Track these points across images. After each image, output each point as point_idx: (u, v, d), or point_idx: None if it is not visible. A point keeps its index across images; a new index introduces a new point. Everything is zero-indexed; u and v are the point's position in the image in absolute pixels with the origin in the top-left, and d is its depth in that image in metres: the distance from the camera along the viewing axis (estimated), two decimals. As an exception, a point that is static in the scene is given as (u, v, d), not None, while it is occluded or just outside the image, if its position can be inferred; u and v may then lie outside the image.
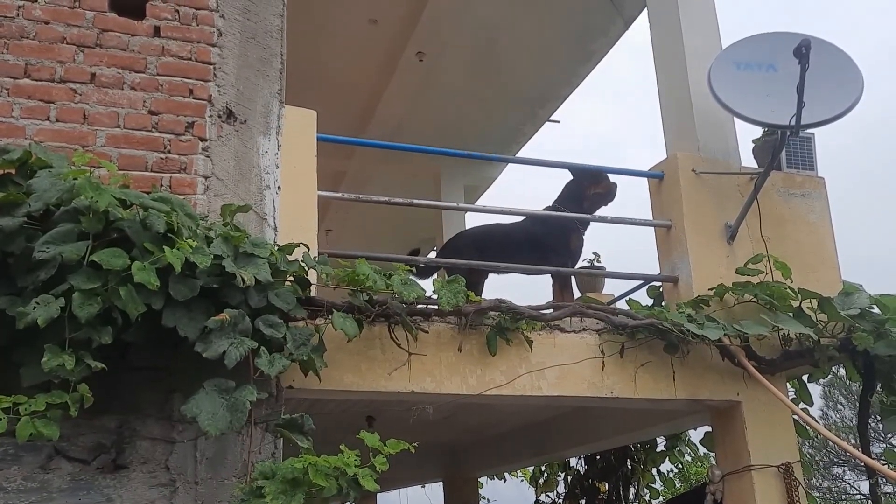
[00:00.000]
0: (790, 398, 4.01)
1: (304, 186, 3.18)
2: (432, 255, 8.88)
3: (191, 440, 2.57)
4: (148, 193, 2.52)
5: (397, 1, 5.43)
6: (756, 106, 3.66)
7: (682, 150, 4.12)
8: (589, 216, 4.43)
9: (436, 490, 7.54)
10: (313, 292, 2.92)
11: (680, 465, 6.35)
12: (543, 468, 6.45)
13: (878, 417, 3.92)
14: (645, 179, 4.24)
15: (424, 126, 6.75)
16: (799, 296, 3.55)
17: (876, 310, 3.62)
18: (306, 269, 2.77)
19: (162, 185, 2.88)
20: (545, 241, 4.52)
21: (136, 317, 2.22)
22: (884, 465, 3.94)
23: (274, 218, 3.02)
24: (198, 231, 2.48)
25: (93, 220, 2.25)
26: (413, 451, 2.48)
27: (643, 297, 4.31)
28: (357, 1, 5.38)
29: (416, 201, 4.02)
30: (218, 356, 2.32)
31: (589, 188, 4.58)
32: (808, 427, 3.74)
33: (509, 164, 7.97)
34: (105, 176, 2.62)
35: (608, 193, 4.60)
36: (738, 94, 3.71)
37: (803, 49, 3.40)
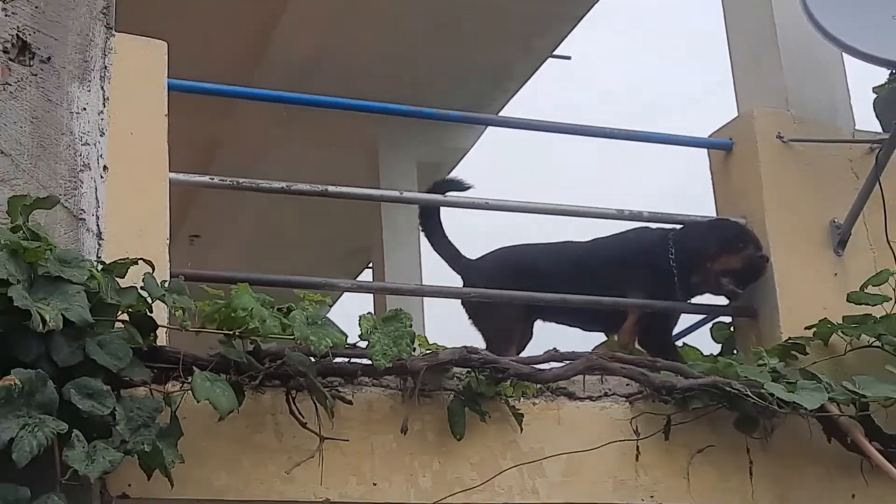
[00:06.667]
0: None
1: (146, 166, 3.20)
2: (366, 275, 8.93)
3: (-44, 587, 2.54)
4: None
5: None
6: (875, 35, 3.75)
7: (762, 105, 4.22)
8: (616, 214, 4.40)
9: None
10: (163, 340, 2.92)
11: None
12: None
13: None
14: (704, 152, 4.33)
15: (350, 67, 6.77)
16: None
17: None
18: (150, 301, 2.77)
19: None
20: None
21: None
22: None
23: (96, 217, 3.02)
24: (-35, 241, 2.47)
25: None
26: None
27: (707, 342, 4.40)
28: None
29: (331, 188, 4.03)
30: (3, 447, 2.30)
31: (713, 258, 4.13)
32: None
33: (489, 129, 8.04)
34: None
35: (746, 271, 4.11)
36: (848, 17, 3.81)
37: (947, -55, 3.50)
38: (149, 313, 2.80)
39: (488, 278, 4.46)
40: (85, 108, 3.10)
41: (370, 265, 8.74)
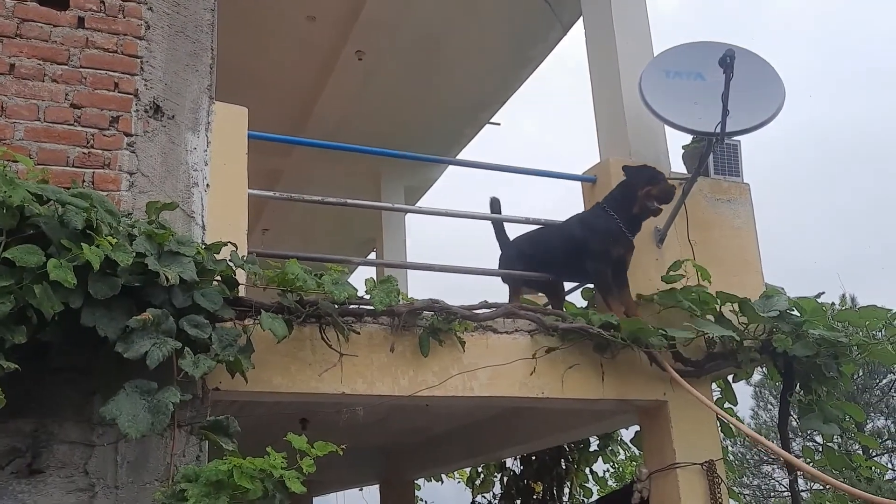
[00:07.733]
0: (716, 398, 4.15)
1: (233, 184, 3.14)
2: (372, 256, 8.90)
3: (111, 443, 2.51)
4: (68, 189, 2.46)
5: (336, -2, 5.42)
6: (684, 113, 3.78)
7: (615, 154, 4.22)
8: (518, 218, 4.40)
9: (373, 493, 7.53)
10: (242, 292, 2.89)
11: (614, 464, 6.50)
12: (480, 469, 6.51)
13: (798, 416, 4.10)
14: (578, 183, 4.35)
15: (364, 126, 6.74)
16: (719, 300, 3.67)
17: (795, 312, 3.78)
18: (234, 268, 2.74)
19: (84, 181, 2.81)
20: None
21: (52, 316, 2.17)
22: (809, 463, 4.12)
23: (202, 216, 2.98)
24: (120, 228, 2.44)
25: (6, 215, 2.18)
26: (341, 453, 2.48)
27: (579, 299, 4.41)
28: (294, -3, 5.34)
29: (350, 201, 4.02)
30: (140, 357, 2.28)
31: (641, 189, 3.83)
32: (731, 426, 3.88)
33: (450, 167, 8.04)
34: (22, 171, 2.54)
35: (662, 195, 3.85)
36: (667, 101, 3.84)
37: (727, 59, 3.53)
38: (233, 276, 2.78)
39: (513, 252, 4.26)
40: (195, 148, 3.06)
41: (374, 249, 8.71)
